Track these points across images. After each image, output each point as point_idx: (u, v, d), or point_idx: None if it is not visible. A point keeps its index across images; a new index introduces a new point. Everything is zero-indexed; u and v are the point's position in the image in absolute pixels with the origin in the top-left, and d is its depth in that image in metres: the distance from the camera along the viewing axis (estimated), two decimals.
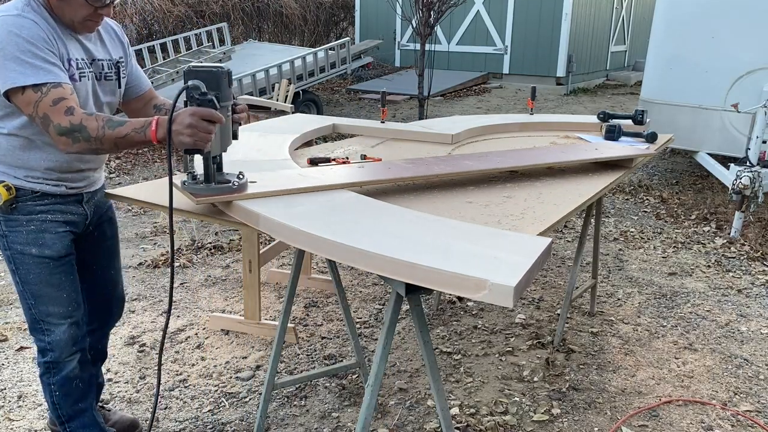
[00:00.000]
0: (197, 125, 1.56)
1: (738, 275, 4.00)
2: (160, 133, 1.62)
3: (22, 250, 1.84)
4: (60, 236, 1.89)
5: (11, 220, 1.82)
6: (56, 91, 1.62)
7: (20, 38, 1.60)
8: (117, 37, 1.97)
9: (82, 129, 1.61)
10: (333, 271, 2.35)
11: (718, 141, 5.33)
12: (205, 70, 1.61)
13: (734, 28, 5.13)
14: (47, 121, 1.62)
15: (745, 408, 2.64)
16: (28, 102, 1.61)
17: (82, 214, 1.97)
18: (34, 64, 1.61)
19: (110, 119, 1.65)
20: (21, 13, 1.64)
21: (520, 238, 1.51)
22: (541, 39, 11.66)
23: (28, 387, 2.70)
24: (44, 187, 1.83)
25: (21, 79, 1.60)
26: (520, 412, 2.59)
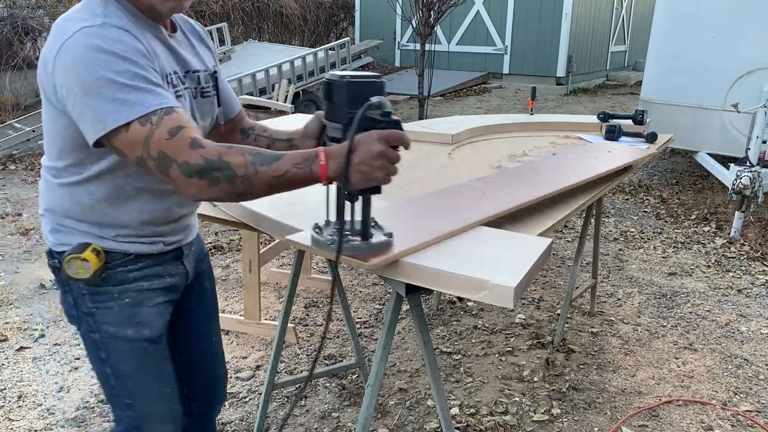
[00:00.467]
0: (389, 154, 1.17)
1: (738, 275, 4.00)
2: (332, 167, 1.17)
3: (116, 333, 1.39)
4: (159, 310, 1.44)
5: (100, 293, 1.38)
6: (170, 119, 1.17)
7: (113, 55, 1.16)
8: (204, 42, 1.53)
9: (224, 167, 1.15)
10: (333, 272, 2.35)
11: (718, 141, 5.33)
12: (371, 81, 1.24)
13: (734, 28, 5.13)
14: (167, 162, 1.15)
15: (745, 408, 2.64)
16: (135, 142, 1.16)
17: (183, 273, 1.52)
18: (137, 86, 1.16)
19: (259, 152, 1.19)
20: (106, 21, 1.20)
21: (520, 238, 1.51)
22: (541, 39, 11.67)
23: (28, 387, 2.70)
24: (139, 246, 1.39)
25: (124, 113, 1.14)
26: (520, 412, 2.59)
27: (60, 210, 1.35)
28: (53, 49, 1.18)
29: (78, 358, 2.92)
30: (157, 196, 1.37)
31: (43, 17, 8.23)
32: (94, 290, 1.37)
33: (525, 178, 2.10)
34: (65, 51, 1.16)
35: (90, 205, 1.33)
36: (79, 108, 1.16)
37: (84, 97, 1.15)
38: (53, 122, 1.26)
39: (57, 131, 1.27)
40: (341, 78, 1.23)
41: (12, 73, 7.65)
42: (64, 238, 1.36)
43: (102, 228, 1.35)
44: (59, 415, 2.52)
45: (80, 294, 1.38)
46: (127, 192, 1.34)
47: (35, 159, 6.32)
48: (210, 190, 1.17)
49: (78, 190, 1.31)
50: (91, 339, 1.41)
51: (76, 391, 2.67)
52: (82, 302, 1.39)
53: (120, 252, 1.37)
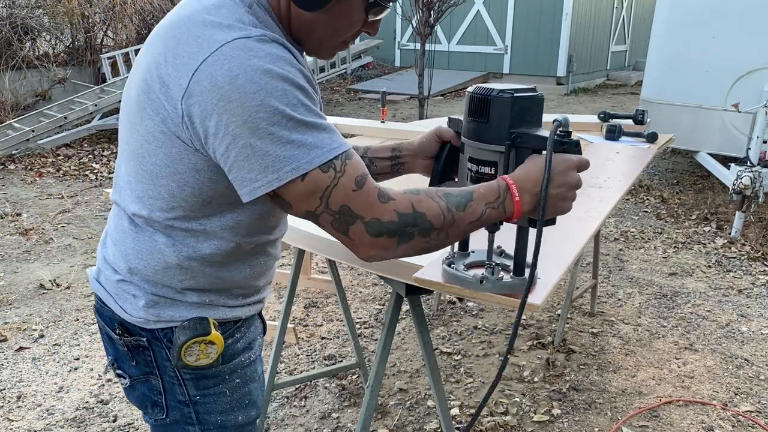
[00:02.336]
0: (580, 184, 1.03)
1: (738, 275, 3.99)
2: (526, 201, 1.01)
3: (224, 422, 1.12)
4: (262, 382, 1.20)
5: (207, 377, 1.08)
6: (353, 165, 0.93)
7: (287, 82, 0.88)
8: None
9: (420, 220, 0.95)
10: (333, 271, 2.35)
11: (718, 141, 5.33)
12: (533, 96, 1.06)
13: (734, 28, 5.12)
14: (350, 219, 0.92)
15: (746, 408, 2.63)
16: (312, 193, 0.91)
17: (262, 329, 1.26)
18: (313, 123, 0.90)
19: (449, 194, 0.99)
20: (265, 33, 0.91)
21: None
22: (541, 39, 11.66)
23: (28, 387, 2.69)
24: (246, 310, 1.13)
25: (303, 159, 0.89)
26: (520, 413, 2.58)
27: (160, 277, 1.03)
28: (188, 65, 0.88)
29: (77, 359, 2.91)
30: (270, 246, 1.12)
31: (42, 17, 8.23)
32: (200, 374, 1.07)
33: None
34: (214, 70, 0.86)
35: (201, 270, 1.03)
36: (240, 151, 0.88)
37: (250, 137, 0.87)
38: (173, 161, 0.94)
39: (175, 172, 0.95)
40: (501, 92, 1.05)
41: (12, 72, 7.64)
42: (166, 313, 1.04)
43: (210, 294, 1.06)
44: (58, 416, 2.51)
45: (178, 379, 1.07)
46: (247, 249, 1.06)
47: (35, 159, 6.31)
48: (398, 249, 0.96)
49: (189, 249, 1.01)
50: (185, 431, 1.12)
51: (75, 392, 2.67)
52: (180, 389, 1.08)
53: (232, 321, 1.09)
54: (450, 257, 1.21)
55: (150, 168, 0.96)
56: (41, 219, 4.75)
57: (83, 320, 3.26)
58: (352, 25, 1.02)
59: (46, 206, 5.04)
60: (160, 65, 0.91)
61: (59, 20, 8.27)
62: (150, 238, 1.02)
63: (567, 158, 1.01)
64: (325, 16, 0.98)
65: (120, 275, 1.05)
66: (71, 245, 4.25)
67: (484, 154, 1.09)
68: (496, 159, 1.08)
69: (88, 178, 5.84)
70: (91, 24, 8.78)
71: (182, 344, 1.01)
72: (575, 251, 1.40)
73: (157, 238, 1.01)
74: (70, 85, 8.17)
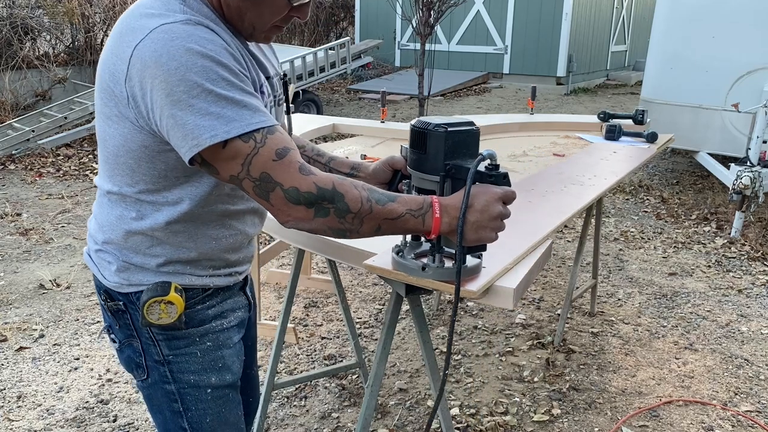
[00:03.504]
0: (505, 215, 1.10)
1: (738, 275, 3.99)
2: (445, 221, 1.09)
3: (197, 382, 1.22)
4: (237, 349, 1.29)
5: (178, 338, 1.20)
6: (275, 139, 1.02)
7: (206, 59, 0.98)
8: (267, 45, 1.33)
9: (337, 198, 1.04)
10: (333, 271, 2.35)
11: (718, 141, 5.33)
12: (468, 131, 1.16)
13: (734, 28, 5.12)
14: (269, 185, 1.02)
15: (746, 408, 2.63)
16: (234, 157, 1.01)
17: (247, 305, 1.36)
18: (234, 98, 1.00)
19: (373, 189, 1.08)
20: (189, 17, 1.03)
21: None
22: (541, 39, 11.66)
23: (28, 387, 2.70)
24: (217, 279, 1.23)
25: (222, 128, 0.98)
26: (520, 413, 2.58)
27: (128, 244, 1.16)
28: (125, 52, 1.00)
29: (77, 358, 2.92)
30: (234, 219, 1.21)
31: (42, 17, 8.23)
32: (171, 335, 1.19)
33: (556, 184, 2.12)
34: (143, 51, 0.98)
35: (165, 238, 1.15)
36: (167, 121, 0.99)
37: (172, 107, 0.98)
38: (126, 140, 1.07)
39: (131, 150, 1.08)
40: (437, 127, 1.13)
41: (12, 72, 7.65)
42: (135, 277, 1.17)
43: (177, 264, 1.17)
44: (59, 415, 2.51)
45: (153, 341, 1.19)
46: (206, 219, 1.17)
47: (35, 159, 6.31)
48: (314, 221, 1.05)
49: (152, 219, 1.13)
50: (164, 391, 1.23)
51: (75, 392, 2.67)
52: (155, 350, 1.20)
53: (199, 288, 1.20)
54: (400, 246, 1.27)
55: (112, 149, 1.10)
56: (41, 219, 4.75)
57: (83, 320, 3.26)
58: (277, 10, 1.11)
59: (46, 206, 5.04)
60: (109, 58, 1.05)
61: (59, 20, 8.27)
62: (120, 211, 1.15)
63: (490, 190, 1.09)
64: (250, 2, 1.08)
65: (98, 245, 1.20)
66: (71, 245, 4.25)
67: (424, 183, 1.18)
68: (434, 188, 1.16)
69: (88, 178, 5.84)
70: (91, 24, 8.78)
71: (144, 303, 1.13)
72: (528, 245, 1.44)
73: (127, 210, 1.14)
74: (70, 85, 8.17)
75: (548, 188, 2.04)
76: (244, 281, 1.35)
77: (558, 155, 2.69)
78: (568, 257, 4.31)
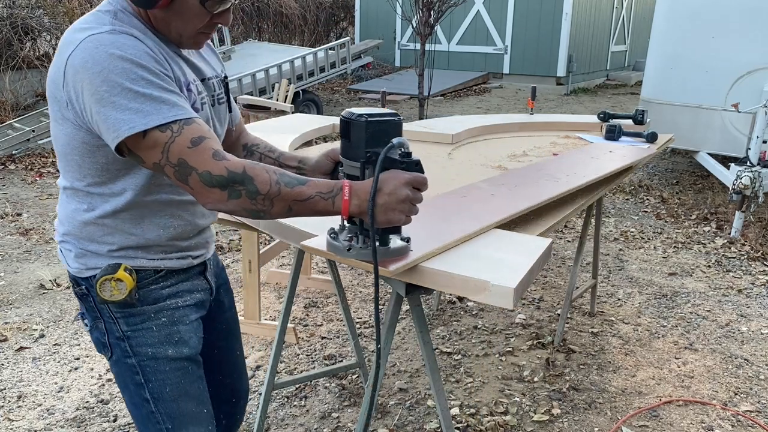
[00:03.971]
0: (414, 198, 1.18)
1: (738, 275, 3.99)
2: (354, 206, 1.18)
3: (155, 354, 1.34)
4: (194, 327, 1.41)
5: (134, 315, 1.33)
6: (191, 129, 1.15)
7: (126, 61, 1.12)
8: (210, 48, 1.47)
9: (247, 181, 1.15)
10: (333, 271, 2.35)
11: (718, 141, 5.33)
12: (389, 121, 1.24)
13: (734, 28, 5.12)
14: (186, 170, 1.14)
15: (746, 408, 2.63)
16: (154, 146, 1.14)
17: (207, 289, 1.49)
18: (152, 95, 1.14)
19: (283, 173, 1.19)
20: (115, 28, 1.17)
21: (521, 238, 1.51)
22: (541, 39, 11.67)
23: (28, 387, 2.70)
24: (169, 262, 1.36)
25: (140, 120, 1.12)
26: (520, 413, 2.58)
27: (83, 234, 1.30)
28: (62, 62, 1.15)
29: (78, 358, 2.92)
30: (181, 209, 1.34)
31: (42, 17, 8.23)
32: (128, 312, 1.32)
33: (531, 179, 2.10)
34: (74, 60, 1.13)
35: (115, 226, 1.28)
36: (95, 117, 1.14)
37: (97, 105, 1.12)
38: (70, 139, 1.21)
39: (75, 147, 1.21)
40: (359, 116, 1.21)
41: (12, 73, 7.65)
42: (91, 262, 1.31)
43: (128, 249, 1.30)
44: (59, 415, 2.51)
45: (113, 319, 1.33)
46: (151, 208, 1.29)
47: (35, 159, 6.32)
48: (229, 202, 1.16)
49: (101, 209, 1.27)
50: (126, 365, 1.35)
51: (75, 391, 2.67)
52: (116, 327, 1.33)
53: (151, 269, 1.33)
54: (335, 230, 1.34)
55: (60, 148, 1.24)
56: (41, 219, 4.75)
57: None
58: (198, 18, 1.23)
59: (46, 206, 5.04)
60: (52, 69, 1.19)
61: (59, 20, 8.27)
62: (75, 205, 1.29)
63: (399, 175, 1.17)
64: (170, 13, 1.21)
65: (61, 237, 1.35)
66: None
67: (351, 170, 1.26)
68: (358, 174, 1.24)
69: None
70: None
71: (97, 281, 1.28)
72: (463, 234, 1.47)
73: (79, 204, 1.29)
74: None
75: (521, 182, 2.05)
76: (205, 266, 1.47)
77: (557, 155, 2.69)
78: (568, 257, 4.31)
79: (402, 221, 1.19)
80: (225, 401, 1.67)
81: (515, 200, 1.81)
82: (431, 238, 1.41)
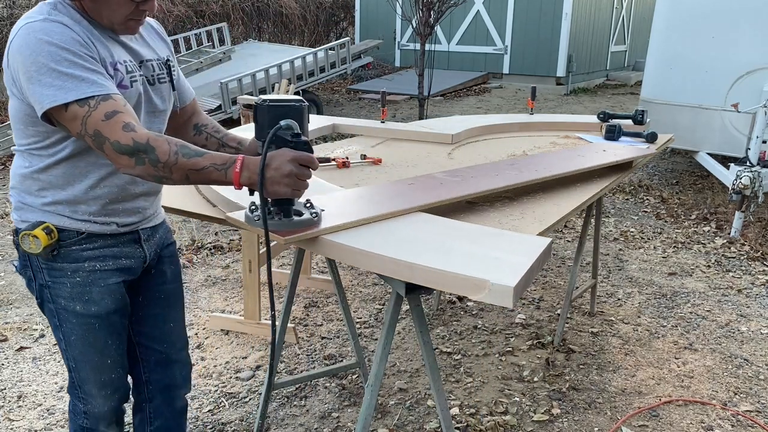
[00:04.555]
0: (299, 173, 1.33)
1: (738, 275, 4.00)
2: (244, 177, 1.35)
3: (66, 306, 1.55)
4: (110, 289, 1.57)
5: (55, 269, 1.53)
6: (107, 104, 1.34)
7: (53, 45, 1.32)
8: (158, 35, 1.68)
9: (150, 150, 1.33)
10: (333, 271, 2.35)
11: (718, 141, 5.33)
12: (289, 105, 1.40)
13: (734, 28, 5.13)
14: (101, 139, 1.34)
15: (745, 408, 2.64)
16: (74, 118, 1.34)
17: (140, 257, 1.64)
18: (74, 74, 1.33)
19: (184, 145, 1.37)
20: (48, 17, 1.37)
21: (520, 238, 1.51)
22: (541, 39, 11.66)
23: (28, 387, 2.70)
24: (91, 226, 1.52)
25: (61, 95, 1.32)
26: (520, 412, 2.58)
27: (22, 188, 1.51)
28: (8, 47, 1.38)
29: None
30: (111, 173, 1.51)
31: None
32: (50, 265, 1.52)
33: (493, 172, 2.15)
34: (13, 45, 1.36)
35: (47, 182, 1.48)
36: (27, 93, 1.36)
37: (27, 83, 1.34)
38: (17, 111, 1.44)
39: (20, 118, 1.44)
40: (263, 102, 1.39)
41: None
42: (25, 215, 1.51)
43: (57, 205, 1.49)
44: (59, 415, 2.52)
45: (39, 268, 1.54)
46: (82, 168, 1.48)
47: None
48: (136, 168, 1.35)
49: (37, 166, 1.47)
50: (48, 308, 1.58)
51: None
52: (40, 275, 1.55)
53: (73, 230, 1.50)
54: (255, 204, 1.49)
55: (12, 118, 1.46)
56: None
57: None
58: (124, 7, 1.43)
59: None
60: (4, 55, 1.40)
61: None
62: (20, 162, 1.51)
63: (286, 152, 1.33)
64: (99, 3, 1.42)
65: (10, 192, 1.56)
66: None
67: (260, 149, 1.40)
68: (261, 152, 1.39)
69: None
70: None
71: (19, 234, 1.49)
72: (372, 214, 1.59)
73: (23, 161, 1.50)
74: None
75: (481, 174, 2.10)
76: (138, 236, 1.63)
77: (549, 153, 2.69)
78: (567, 257, 4.31)
79: (288, 194, 1.35)
80: (154, 367, 1.80)
81: (458, 189, 1.87)
82: (346, 215, 1.56)
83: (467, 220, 1.75)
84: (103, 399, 1.66)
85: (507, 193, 2.06)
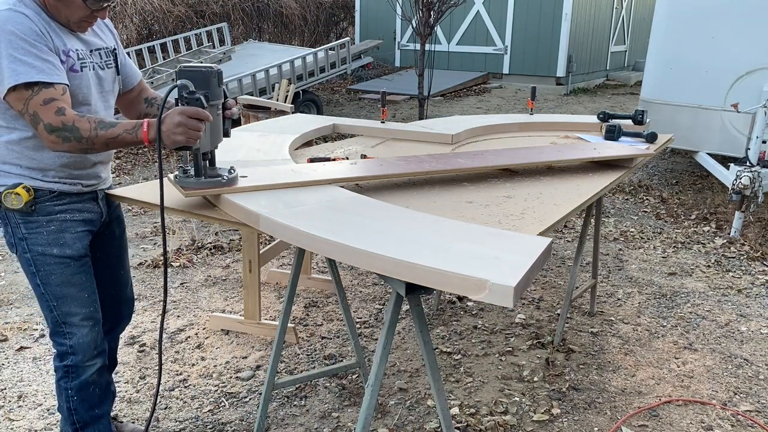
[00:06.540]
0: (186, 123, 1.62)
1: (738, 275, 4.00)
2: (151, 133, 1.67)
3: (43, 251, 1.84)
4: (79, 236, 1.89)
5: (30, 222, 1.82)
6: (47, 92, 1.64)
7: (12, 34, 1.60)
8: (106, 27, 1.98)
9: (74, 129, 1.64)
10: (333, 271, 2.35)
11: (718, 141, 5.33)
12: (194, 70, 1.67)
13: (734, 28, 5.13)
14: (37, 119, 1.64)
15: (745, 408, 2.64)
16: (19, 99, 1.64)
17: (98, 212, 1.98)
18: (26, 61, 1.61)
19: (101, 121, 1.69)
20: (12, 8, 1.64)
21: (520, 238, 1.51)
22: (541, 39, 11.66)
23: (28, 387, 2.70)
24: (61, 186, 1.83)
25: (12, 78, 1.61)
26: (520, 412, 2.59)
27: (1, 155, 1.78)
28: None
29: None
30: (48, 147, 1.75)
31: None
32: (26, 219, 1.81)
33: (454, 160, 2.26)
34: None
35: (20, 152, 1.77)
36: None
37: None
38: None
39: None
40: (182, 67, 1.68)
41: None
42: (2, 180, 1.79)
43: (31, 170, 1.79)
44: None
45: (16, 224, 1.82)
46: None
47: None
48: (64, 145, 1.67)
49: (10, 139, 1.76)
50: (25, 258, 1.86)
51: None
52: (17, 230, 1.83)
53: (46, 190, 1.81)
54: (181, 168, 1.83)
55: None
56: None
57: None
58: (81, 11, 1.73)
59: None
60: None
61: None
62: None
63: (176, 108, 1.65)
64: (60, 3, 1.69)
65: None
66: None
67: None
68: None
69: None
70: None
71: (2, 193, 1.77)
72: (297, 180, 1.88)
73: (1, 135, 1.76)
74: None
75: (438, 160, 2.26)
76: (96, 195, 1.94)
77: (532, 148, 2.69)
78: (567, 257, 4.31)
79: (183, 141, 1.64)
80: (108, 305, 2.12)
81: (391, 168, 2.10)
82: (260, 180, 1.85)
83: (468, 216, 1.75)
84: (87, 329, 1.93)
85: (505, 191, 2.06)
